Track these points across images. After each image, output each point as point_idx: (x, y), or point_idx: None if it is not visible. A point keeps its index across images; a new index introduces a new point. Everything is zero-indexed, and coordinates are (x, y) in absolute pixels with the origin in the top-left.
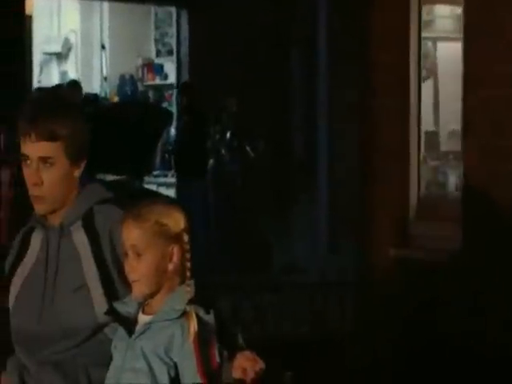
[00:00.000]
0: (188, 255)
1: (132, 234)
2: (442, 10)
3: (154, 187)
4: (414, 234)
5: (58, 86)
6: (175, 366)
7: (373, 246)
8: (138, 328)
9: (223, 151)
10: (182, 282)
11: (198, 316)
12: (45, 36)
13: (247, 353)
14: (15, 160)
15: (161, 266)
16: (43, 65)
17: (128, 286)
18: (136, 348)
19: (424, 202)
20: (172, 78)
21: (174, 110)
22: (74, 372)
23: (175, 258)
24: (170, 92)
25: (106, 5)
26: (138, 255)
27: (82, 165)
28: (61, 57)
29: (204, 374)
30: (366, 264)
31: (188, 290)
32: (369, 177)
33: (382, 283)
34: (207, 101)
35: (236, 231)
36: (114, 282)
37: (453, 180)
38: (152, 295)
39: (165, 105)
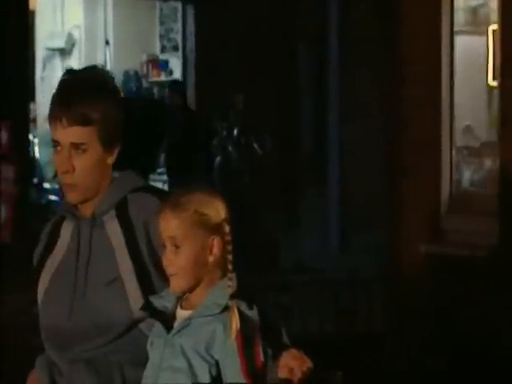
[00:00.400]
0: (229, 247)
1: (170, 225)
2: (456, 3)
3: (159, 185)
4: (446, 229)
5: (92, 67)
6: (217, 364)
7: (403, 241)
8: (177, 324)
9: (230, 148)
10: (223, 275)
11: (240, 311)
12: (48, 31)
13: (294, 351)
14: (18, 156)
15: (200, 258)
16: (46, 61)
17: (165, 279)
18: (175, 345)
19: (457, 195)
20: (177, 74)
21: None
22: (107, 370)
23: (216, 250)
24: None
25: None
26: (177, 247)
27: (116, 151)
28: (64, 53)
29: (248, 373)
30: (395, 260)
31: (230, 284)
32: (398, 170)
33: (412, 280)
34: (214, 97)
35: (244, 229)
36: (149, 275)
37: (467, 176)
38: (191, 289)
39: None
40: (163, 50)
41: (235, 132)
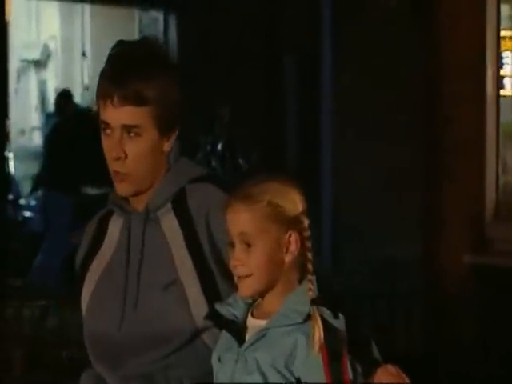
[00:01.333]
0: (308, 244)
1: (240, 219)
2: None
3: None
4: (491, 238)
5: (148, 39)
6: (298, 381)
7: (444, 251)
8: (250, 335)
9: (214, 163)
10: (302, 277)
11: (323, 320)
12: (23, 42)
13: (390, 367)
14: None
15: (275, 257)
16: (21, 72)
17: (232, 282)
18: (249, 360)
19: (503, 200)
20: None
21: None
22: None
23: (293, 248)
24: None
25: (87, 9)
26: (248, 245)
27: (173, 137)
28: (39, 64)
29: None
30: (435, 273)
31: (310, 287)
32: (438, 174)
33: (455, 293)
34: (198, 110)
35: None
36: (213, 277)
37: None
38: (264, 294)
39: None
40: None
41: (219, 146)
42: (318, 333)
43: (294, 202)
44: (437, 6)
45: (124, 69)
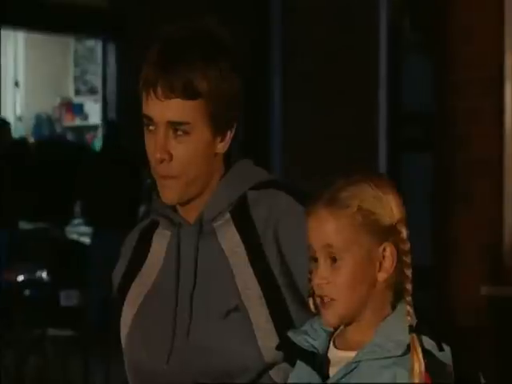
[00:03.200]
0: (407, 259)
1: (325, 229)
2: None
3: (74, 237)
4: (510, 267)
5: (201, 21)
6: None
7: (459, 282)
8: (336, 370)
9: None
10: (396, 299)
11: (425, 351)
12: None
13: None
14: None
15: (366, 275)
16: None
17: (307, 309)
18: None
19: None
20: (94, 119)
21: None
22: None
23: (388, 264)
24: (92, 133)
25: (21, 37)
26: (333, 260)
27: (229, 136)
28: None
29: None
30: (450, 304)
31: (408, 312)
32: (452, 197)
33: (471, 328)
34: (137, 143)
35: None
36: (284, 303)
37: None
38: (351, 321)
39: None
40: (78, 92)
41: None
42: (419, 366)
43: (389, 209)
44: (451, 19)
45: (172, 54)
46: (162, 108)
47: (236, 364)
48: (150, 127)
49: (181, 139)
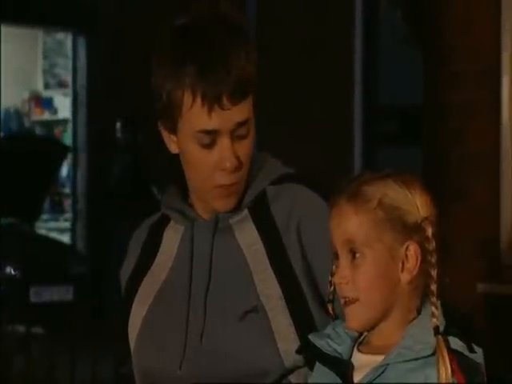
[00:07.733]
0: (432, 259)
1: (346, 223)
2: None
3: (43, 232)
4: (507, 265)
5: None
6: None
7: (454, 280)
8: (361, 375)
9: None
10: (421, 302)
11: (454, 352)
12: None
13: None
14: None
15: (388, 275)
16: None
17: (326, 308)
18: None
19: None
20: (64, 113)
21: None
22: None
23: (412, 264)
24: (61, 128)
25: None
26: (354, 257)
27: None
28: None
29: None
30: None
31: (434, 313)
32: (447, 194)
33: (468, 325)
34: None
35: None
36: (306, 304)
37: None
38: (375, 324)
39: None
40: (47, 86)
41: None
42: (444, 370)
43: (414, 206)
44: (446, 10)
45: (213, 56)
46: (228, 116)
47: (254, 369)
48: (205, 141)
49: (241, 143)
